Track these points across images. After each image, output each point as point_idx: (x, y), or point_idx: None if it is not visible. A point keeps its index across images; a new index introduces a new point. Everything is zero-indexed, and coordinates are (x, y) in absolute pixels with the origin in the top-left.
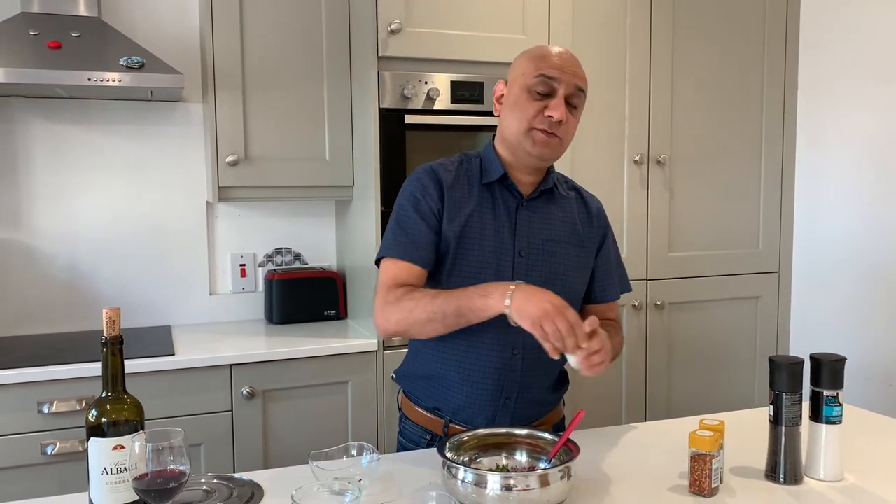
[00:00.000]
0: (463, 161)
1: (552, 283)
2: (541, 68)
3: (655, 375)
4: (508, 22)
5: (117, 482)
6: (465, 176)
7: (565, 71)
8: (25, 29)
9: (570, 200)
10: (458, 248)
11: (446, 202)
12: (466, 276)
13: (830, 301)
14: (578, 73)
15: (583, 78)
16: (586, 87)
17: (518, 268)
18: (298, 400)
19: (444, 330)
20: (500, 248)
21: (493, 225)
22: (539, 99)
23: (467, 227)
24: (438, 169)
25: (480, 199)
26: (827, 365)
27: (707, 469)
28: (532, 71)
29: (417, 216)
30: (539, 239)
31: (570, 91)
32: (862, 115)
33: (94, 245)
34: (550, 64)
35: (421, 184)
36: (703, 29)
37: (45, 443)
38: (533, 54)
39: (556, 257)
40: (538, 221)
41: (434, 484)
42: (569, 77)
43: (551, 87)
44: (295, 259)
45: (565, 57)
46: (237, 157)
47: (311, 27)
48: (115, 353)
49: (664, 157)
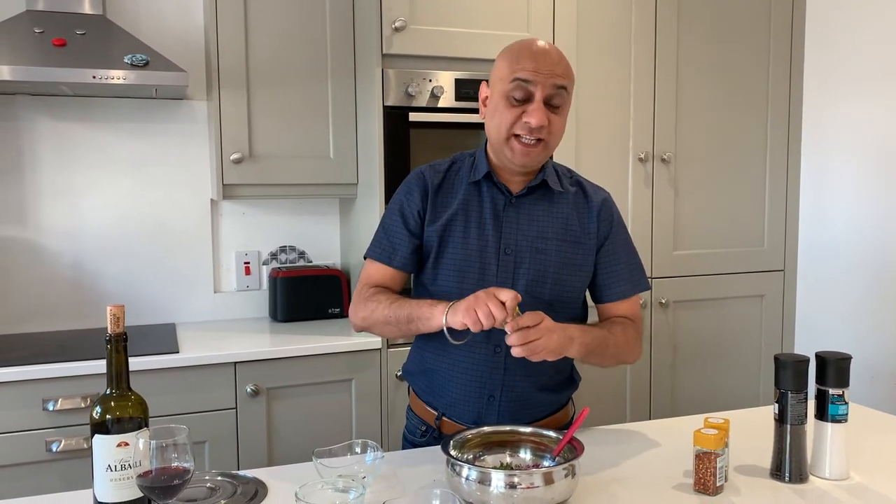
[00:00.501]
0: (455, 161)
1: (541, 281)
2: (516, 71)
3: (660, 374)
4: (513, 19)
5: (121, 479)
6: (454, 176)
7: (541, 72)
8: (30, 27)
9: (568, 196)
10: (441, 247)
11: (430, 204)
12: (450, 273)
13: (836, 299)
14: (556, 72)
15: (563, 75)
16: (569, 82)
17: (503, 266)
18: (303, 397)
19: (398, 333)
20: (484, 247)
21: (478, 223)
22: (517, 105)
23: (450, 226)
24: (427, 172)
25: (467, 198)
26: (832, 363)
27: (712, 467)
28: (507, 75)
29: (400, 220)
30: (528, 237)
31: (549, 92)
32: (868, 112)
33: (99, 242)
34: (525, 66)
35: (407, 188)
36: (708, 26)
37: (50, 440)
38: (508, 56)
39: (545, 255)
40: (527, 219)
41: (438, 482)
42: (545, 78)
43: (528, 92)
44: (299, 257)
45: (541, 55)
46: (241, 155)
47: (315, 25)
48: (120, 350)
49: (669, 155)
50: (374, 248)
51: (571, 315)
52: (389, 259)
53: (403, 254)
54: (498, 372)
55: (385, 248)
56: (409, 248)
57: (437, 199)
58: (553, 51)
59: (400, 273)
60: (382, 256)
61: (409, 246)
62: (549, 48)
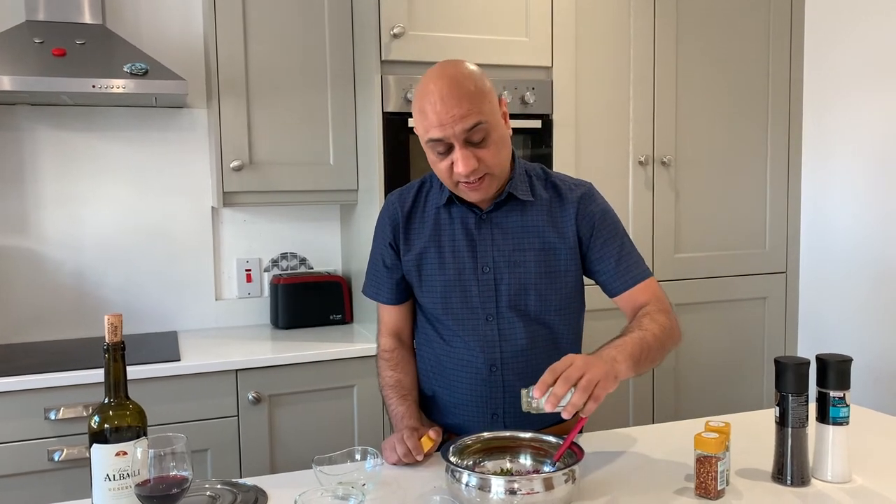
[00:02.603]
0: (424, 182)
1: (524, 294)
2: (427, 131)
3: (663, 377)
4: (511, 25)
5: (120, 488)
6: (424, 198)
7: (445, 123)
8: (30, 37)
9: (541, 203)
10: (421, 276)
11: (402, 234)
12: (435, 298)
13: (838, 301)
14: (461, 113)
15: (467, 113)
16: (481, 112)
17: (484, 284)
18: (304, 405)
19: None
20: (461, 269)
21: (451, 246)
22: (444, 155)
23: (425, 254)
24: (397, 199)
25: (437, 223)
26: (833, 365)
27: (713, 471)
28: (423, 135)
29: (379, 257)
30: (503, 252)
31: (464, 136)
32: (868, 115)
33: (100, 251)
34: (431, 123)
35: (381, 222)
36: (707, 30)
37: (52, 449)
38: (417, 113)
39: (523, 267)
40: (500, 233)
41: (438, 488)
42: (450, 127)
43: (445, 145)
44: (300, 264)
45: (441, 104)
46: (242, 163)
47: (314, 32)
48: (117, 359)
49: (669, 158)
50: (366, 283)
51: (565, 322)
52: (377, 295)
53: (388, 288)
54: (497, 390)
55: (373, 285)
56: (390, 283)
57: (408, 227)
58: (452, 90)
59: (398, 306)
60: (372, 293)
61: (390, 282)
62: (447, 89)
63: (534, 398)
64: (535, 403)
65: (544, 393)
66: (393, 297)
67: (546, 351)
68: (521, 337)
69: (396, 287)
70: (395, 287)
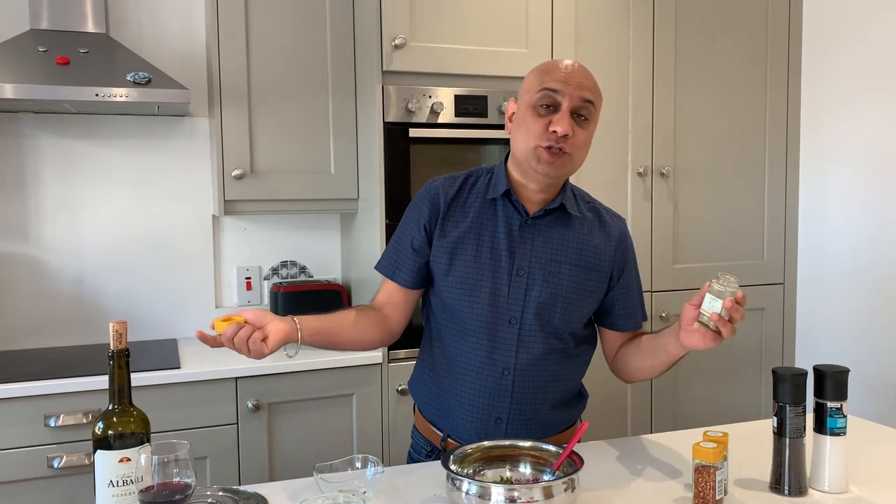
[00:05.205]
0: (471, 175)
1: (552, 304)
2: (544, 82)
3: (661, 387)
4: (512, 36)
5: (123, 494)
6: (469, 191)
7: (569, 83)
8: (34, 45)
9: (585, 221)
10: (452, 263)
11: (440, 219)
12: (461, 290)
13: (836, 313)
14: (585, 85)
15: (590, 89)
16: (597, 98)
17: (515, 287)
18: (304, 413)
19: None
20: (496, 266)
21: (491, 241)
22: (544, 115)
23: (462, 242)
24: (441, 185)
25: (481, 215)
26: (830, 376)
27: (711, 481)
28: (536, 86)
29: (408, 236)
30: (541, 259)
31: (576, 103)
32: (865, 127)
33: (101, 258)
34: (554, 77)
35: (418, 201)
36: (705, 43)
37: (51, 456)
38: (539, 69)
39: (557, 278)
40: (542, 241)
41: (438, 496)
42: (573, 89)
43: (555, 101)
44: (300, 272)
45: (571, 69)
46: (243, 171)
47: (316, 42)
48: (122, 366)
49: (668, 169)
50: (382, 260)
51: (578, 340)
52: (394, 274)
53: (408, 269)
54: (505, 395)
55: (391, 262)
56: (412, 266)
57: (448, 213)
58: (583, 69)
59: (404, 291)
60: (387, 269)
61: (412, 264)
62: (580, 66)
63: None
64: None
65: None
66: (409, 279)
67: (556, 364)
68: (538, 346)
69: (418, 272)
70: (417, 271)
